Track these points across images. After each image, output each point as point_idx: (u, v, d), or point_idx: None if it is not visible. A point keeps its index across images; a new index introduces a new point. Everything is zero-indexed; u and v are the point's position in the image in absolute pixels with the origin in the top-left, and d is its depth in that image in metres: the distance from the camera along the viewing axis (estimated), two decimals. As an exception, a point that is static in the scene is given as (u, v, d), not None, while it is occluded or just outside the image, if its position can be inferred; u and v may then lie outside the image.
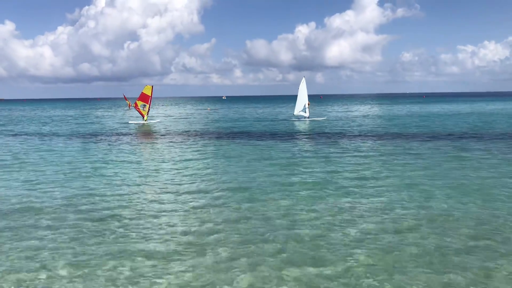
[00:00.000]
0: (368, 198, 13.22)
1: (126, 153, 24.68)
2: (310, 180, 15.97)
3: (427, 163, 19.27)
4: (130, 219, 11.53)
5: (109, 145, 28.66)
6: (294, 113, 50.40)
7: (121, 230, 10.65)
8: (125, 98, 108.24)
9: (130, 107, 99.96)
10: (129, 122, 52.30)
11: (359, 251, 9.04)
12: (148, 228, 10.79)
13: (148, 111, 49.66)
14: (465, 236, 9.83)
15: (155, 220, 11.41)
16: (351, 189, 14.47)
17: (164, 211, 12.24)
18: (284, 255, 8.92)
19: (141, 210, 12.41)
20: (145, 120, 49.45)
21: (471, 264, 8.33)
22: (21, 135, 37.81)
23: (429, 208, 12.06)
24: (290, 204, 12.74)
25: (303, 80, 49.28)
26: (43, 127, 47.10)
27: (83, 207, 12.71)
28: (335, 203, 12.69)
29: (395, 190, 14.15)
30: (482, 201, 12.62)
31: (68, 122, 56.95)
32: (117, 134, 37.13)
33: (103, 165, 20.30)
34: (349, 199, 13.11)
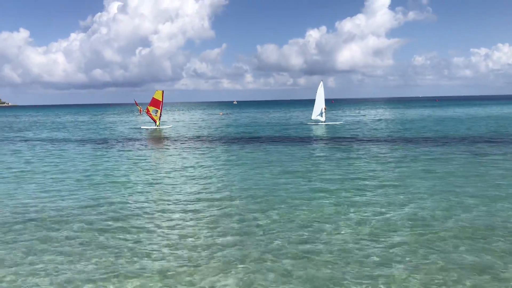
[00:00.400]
0: (393, 207, 12.57)
1: (138, 159, 24.39)
2: (330, 188, 15.35)
3: (450, 169, 18.58)
4: (141, 229, 11.08)
5: (121, 151, 28.41)
6: (312, 118, 49.87)
7: (131, 242, 10.20)
8: (136, 104, 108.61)
9: (141, 113, 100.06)
10: (141, 127, 52.26)
11: (389, 268, 8.44)
12: (159, 241, 10.32)
13: (160, 116, 49.54)
14: (502, 249, 9.18)
15: (167, 231, 10.94)
16: (374, 198, 13.85)
17: (175, 220, 11.77)
18: (307, 271, 8.35)
19: (153, 220, 11.96)
20: (157, 126, 49.32)
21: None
22: (33, 141, 37.84)
23: (460, 217, 11.41)
24: (310, 215, 12.15)
25: (321, 84, 48.70)
26: (55, 133, 47.25)
27: (92, 218, 12.29)
28: (359, 214, 12.10)
29: (422, 198, 13.50)
30: (512, 210, 12.00)
31: (80, 128, 57.13)
32: (129, 139, 36.95)
33: (115, 172, 19.97)
34: (373, 209, 12.49)
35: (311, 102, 49.85)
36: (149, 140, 37.50)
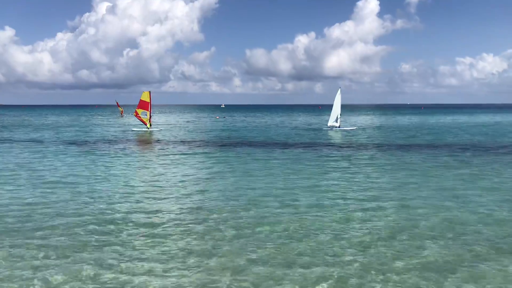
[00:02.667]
0: (416, 220, 11.71)
1: (129, 164, 23.23)
2: (342, 202, 14.47)
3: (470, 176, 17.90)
4: (125, 239, 10.02)
5: (112, 155, 27.11)
6: (328, 124, 49.91)
7: (113, 250, 9.13)
8: (118, 105, 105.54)
9: (123, 115, 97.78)
10: (132, 129, 50.76)
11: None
12: (144, 250, 9.26)
13: (150, 117, 48.09)
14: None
15: (153, 240, 9.91)
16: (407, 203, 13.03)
17: (161, 230, 10.73)
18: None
19: (139, 231, 10.87)
20: (148, 128, 47.92)
21: None
22: (15, 142, 36.20)
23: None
24: (318, 225, 11.27)
25: (339, 92, 48.69)
26: (39, 134, 45.52)
27: (72, 224, 11.21)
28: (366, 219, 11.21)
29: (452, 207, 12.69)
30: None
31: (67, 130, 55.39)
32: (119, 142, 35.55)
33: (100, 177, 18.75)
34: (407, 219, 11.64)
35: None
36: (140, 143, 36.22)
